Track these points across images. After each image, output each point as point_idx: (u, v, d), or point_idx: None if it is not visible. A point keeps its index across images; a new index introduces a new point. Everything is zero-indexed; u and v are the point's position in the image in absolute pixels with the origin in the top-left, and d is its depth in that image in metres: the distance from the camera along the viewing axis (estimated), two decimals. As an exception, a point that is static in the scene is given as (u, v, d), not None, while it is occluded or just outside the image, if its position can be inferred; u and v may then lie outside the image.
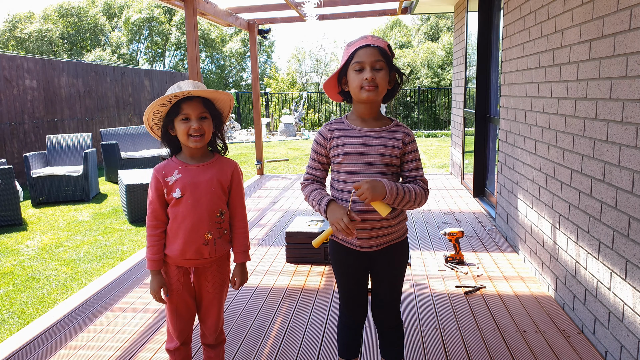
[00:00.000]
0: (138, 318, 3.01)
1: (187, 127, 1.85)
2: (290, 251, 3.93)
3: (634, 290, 2.14)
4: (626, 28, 2.20)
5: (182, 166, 1.92)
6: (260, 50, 31.65)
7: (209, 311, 2.04)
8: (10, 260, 4.93)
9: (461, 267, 3.69)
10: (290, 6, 6.60)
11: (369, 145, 1.82)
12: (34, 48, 27.05)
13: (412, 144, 1.86)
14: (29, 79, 9.41)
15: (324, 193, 1.86)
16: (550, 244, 3.21)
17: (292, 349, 2.61)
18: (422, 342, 2.64)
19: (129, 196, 6.04)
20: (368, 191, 1.67)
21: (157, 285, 1.94)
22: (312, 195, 1.87)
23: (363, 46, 1.76)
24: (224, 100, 1.97)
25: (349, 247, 1.91)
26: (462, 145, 6.68)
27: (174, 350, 2.05)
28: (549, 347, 2.55)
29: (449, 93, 18.23)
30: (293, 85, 22.43)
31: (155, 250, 1.93)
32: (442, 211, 5.39)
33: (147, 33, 30.23)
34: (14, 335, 2.84)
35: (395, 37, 26.89)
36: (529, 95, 3.65)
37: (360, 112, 1.87)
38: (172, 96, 1.82)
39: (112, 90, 12.33)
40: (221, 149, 2.05)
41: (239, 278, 2.06)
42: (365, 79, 1.74)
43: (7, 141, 8.82)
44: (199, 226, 1.90)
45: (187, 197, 1.89)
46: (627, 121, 2.19)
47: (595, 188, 2.53)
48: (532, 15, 3.57)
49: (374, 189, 1.68)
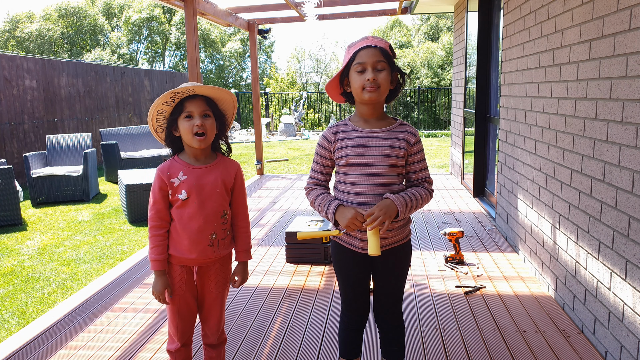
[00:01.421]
0: (138, 318, 3.01)
1: (191, 125, 1.85)
2: (290, 251, 3.93)
3: (634, 290, 2.14)
4: (626, 28, 2.20)
5: (187, 167, 1.92)
6: (260, 50, 31.66)
7: (211, 311, 2.04)
8: (10, 260, 4.93)
9: (461, 267, 3.69)
10: (290, 6, 6.60)
11: (373, 146, 1.81)
12: (34, 48, 27.05)
13: (418, 145, 1.85)
14: (29, 79, 9.41)
15: (329, 197, 1.86)
16: (550, 244, 3.21)
17: (292, 349, 2.61)
18: (422, 342, 2.64)
19: (129, 196, 6.03)
20: (382, 213, 1.69)
21: (161, 286, 1.93)
22: (318, 200, 1.87)
23: (364, 47, 1.76)
24: (227, 101, 1.97)
25: (351, 249, 1.90)
26: (462, 145, 6.68)
27: (174, 351, 2.05)
28: (548, 347, 2.55)
29: (449, 93, 18.23)
30: (293, 85, 22.43)
31: (160, 250, 1.92)
32: (442, 211, 5.39)
33: (146, 33, 30.22)
34: (14, 335, 2.84)
35: (395, 37, 26.90)
36: (529, 95, 3.65)
37: (363, 113, 1.87)
38: (175, 93, 1.82)
39: (112, 90, 12.33)
40: (225, 152, 2.05)
41: (240, 276, 2.07)
42: (367, 80, 1.74)
43: (7, 141, 8.82)
44: (204, 227, 1.91)
45: (193, 199, 1.89)
46: (627, 121, 2.19)
47: (595, 188, 2.53)
48: (532, 15, 3.57)
49: (387, 208, 1.71)
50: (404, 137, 1.82)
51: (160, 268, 1.93)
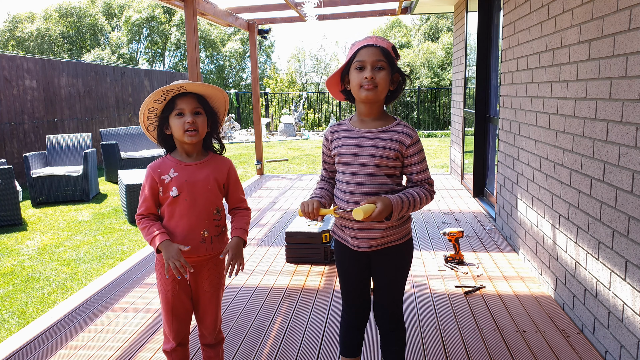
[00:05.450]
0: (138, 318, 3.01)
1: (182, 122, 1.85)
2: (290, 251, 3.93)
3: (634, 290, 2.15)
4: (626, 28, 2.21)
5: (178, 164, 1.92)
6: (260, 51, 31.66)
7: (207, 310, 2.04)
8: (10, 260, 4.93)
9: (461, 267, 3.69)
10: (290, 6, 6.60)
11: (363, 146, 1.83)
12: (34, 48, 27.04)
13: (415, 146, 1.82)
14: (29, 79, 9.41)
15: (317, 193, 1.93)
16: (550, 244, 3.21)
17: (292, 349, 2.61)
18: (422, 342, 2.64)
19: (129, 196, 6.03)
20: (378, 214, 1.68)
21: (174, 251, 1.80)
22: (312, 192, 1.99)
23: (366, 46, 1.77)
24: (218, 98, 1.96)
25: (347, 246, 1.93)
26: (461, 145, 6.68)
27: (170, 351, 2.04)
28: (548, 347, 2.55)
29: (449, 93, 18.23)
30: (293, 85, 22.42)
31: (157, 226, 1.88)
32: (442, 211, 5.40)
33: (146, 33, 30.22)
34: (14, 335, 2.84)
35: (395, 37, 26.90)
36: (528, 95, 3.65)
37: (361, 112, 1.88)
38: (166, 91, 1.82)
39: (112, 90, 12.33)
40: (217, 150, 2.05)
41: (232, 251, 1.90)
42: (365, 78, 1.75)
43: (7, 141, 8.82)
44: (196, 224, 1.91)
45: (184, 196, 1.89)
46: (627, 121, 2.19)
47: (595, 188, 2.53)
48: (532, 15, 3.57)
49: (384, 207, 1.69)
50: (397, 137, 1.81)
51: (164, 239, 1.83)
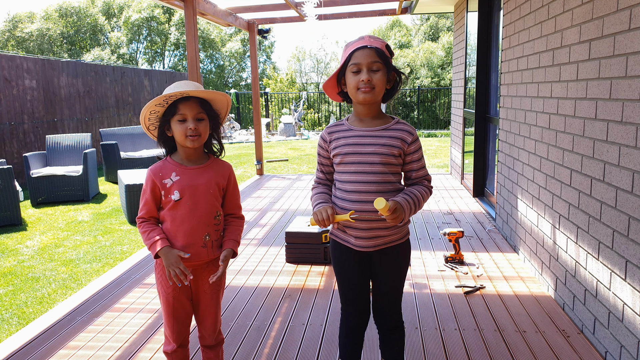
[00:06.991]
0: (138, 318, 3.01)
1: (184, 128, 1.84)
2: (290, 251, 3.93)
3: (634, 290, 2.14)
4: (626, 28, 2.20)
5: (180, 168, 1.91)
6: (260, 50, 31.65)
7: (207, 312, 2.03)
8: (10, 261, 4.93)
9: (461, 267, 3.69)
10: (290, 6, 6.60)
11: (367, 144, 1.82)
12: (34, 48, 27.04)
13: (415, 143, 1.85)
14: (29, 79, 9.41)
15: (321, 198, 1.90)
16: (550, 244, 3.21)
17: (292, 349, 2.61)
18: (422, 342, 2.64)
19: (129, 196, 6.04)
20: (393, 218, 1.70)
21: (174, 258, 1.81)
22: (313, 199, 1.95)
23: (360, 47, 1.77)
24: (221, 101, 1.95)
25: (348, 246, 1.91)
26: (462, 145, 6.68)
27: (171, 352, 2.04)
28: (548, 347, 2.55)
29: (449, 93, 18.23)
30: (293, 85, 22.42)
31: (158, 231, 1.88)
32: (442, 211, 5.39)
33: (146, 33, 30.21)
34: (14, 335, 2.84)
35: (395, 37, 26.89)
36: (528, 95, 3.65)
37: (359, 112, 1.88)
38: (168, 96, 1.81)
39: (111, 90, 12.33)
40: (217, 151, 2.04)
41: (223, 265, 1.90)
42: (362, 81, 1.75)
43: (7, 141, 8.82)
44: (197, 228, 1.90)
45: (186, 200, 1.88)
46: (627, 121, 2.19)
47: (595, 188, 2.53)
48: (532, 15, 3.57)
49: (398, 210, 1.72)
50: (399, 135, 1.82)
51: (164, 245, 1.84)
